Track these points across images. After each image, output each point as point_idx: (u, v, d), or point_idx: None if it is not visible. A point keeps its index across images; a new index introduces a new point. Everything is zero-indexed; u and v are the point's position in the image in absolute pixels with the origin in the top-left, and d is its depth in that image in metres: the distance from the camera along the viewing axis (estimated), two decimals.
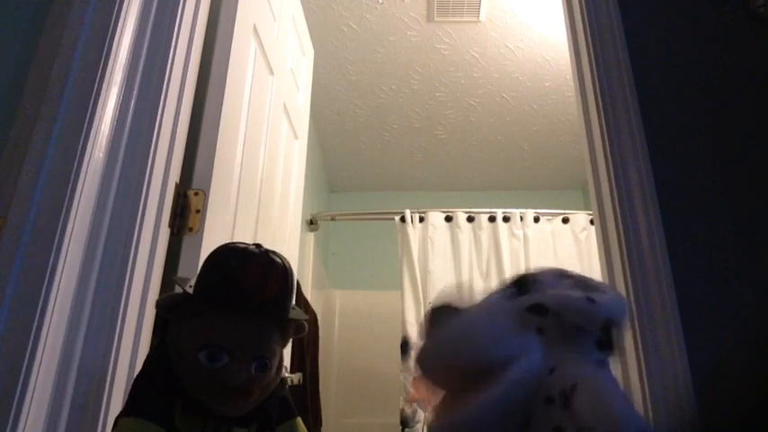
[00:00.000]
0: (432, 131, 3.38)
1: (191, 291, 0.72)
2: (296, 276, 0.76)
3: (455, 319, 0.63)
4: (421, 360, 0.63)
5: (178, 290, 0.75)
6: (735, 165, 1.13)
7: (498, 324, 0.61)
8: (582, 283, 0.66)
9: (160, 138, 1.11)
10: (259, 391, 0.70)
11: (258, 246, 0.74)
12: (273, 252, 0.74)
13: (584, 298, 0.61)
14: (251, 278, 0.69)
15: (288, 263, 0.75)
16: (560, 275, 0.68)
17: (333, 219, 3.35)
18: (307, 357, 2.44)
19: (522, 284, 0.65)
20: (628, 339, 1.01)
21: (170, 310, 0.73)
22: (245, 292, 0.68)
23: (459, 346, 0.60)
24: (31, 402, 0.83)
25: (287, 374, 1.70)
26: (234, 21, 1.38)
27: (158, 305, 0.74)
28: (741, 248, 1.06)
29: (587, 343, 0.61)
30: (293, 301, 0.75)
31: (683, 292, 1.01)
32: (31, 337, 0.86)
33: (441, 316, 0.65)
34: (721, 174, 1.12)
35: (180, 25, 1.20)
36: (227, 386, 0.67)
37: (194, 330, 0.69)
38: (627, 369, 1.01)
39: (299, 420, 0.81)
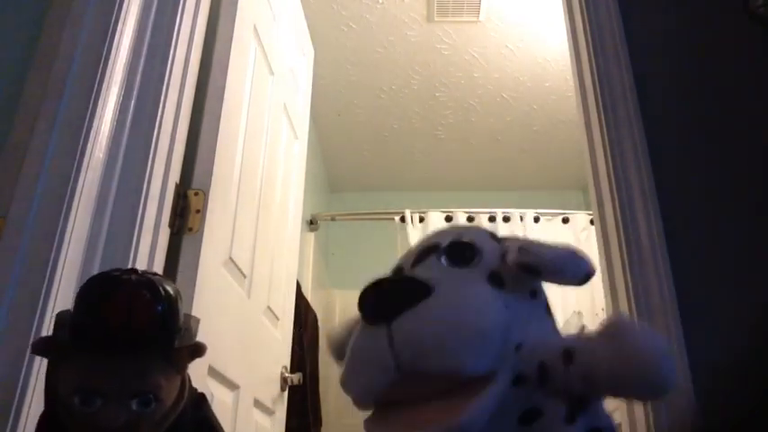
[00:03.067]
0: (432, 131, 3.38)
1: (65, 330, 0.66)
2: (179, 301, 0.68)
3: (430, 312, 0.50)
4: (393, 365, 0.50)
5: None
6: (734, 164, 1.13)
7: (490, 310, 0.51)
8: (526, 244, 0.57)
9: (160, 138, 1.11)
10: (148, 426, 0.65)
11: (132, 271, 0.68)
12: (145, 276, 0.68)
13: (573, 253, 0.54)
14: (114, 312, 0.63)
15: (164, 286, 0.68)
16: (491, 236, 0.61)
17: (333, 219, 3.35)
18: (307, 357, 2.44)
19: (464, 256, 0.57)
20: None
21: (45, 353, 0.68)
22: (110, 328, 0.63)
23: (459, 349, 0.48)
24: (31, 403, 0.83)
25: (287, 374, 1.70)
26: (234, 21, 1.38)
27: (32, 349, 0.69)
28: (741, 248, 1.06)
29: (537, 303, 0.57)
30: (176, 325, 0.68)
31: (683, 292, 1.01)
32: (31, 338, 0.86)
33: (400, 302, 0.51)
34: (721, 173, 1.12)
35: (180, 25, 1.20)
36: (105, 430, 0.62)
37: (67, 374, 0.64)
38: None
39: None
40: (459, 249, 0.57)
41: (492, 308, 0.51)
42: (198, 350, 0.71)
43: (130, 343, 0.64)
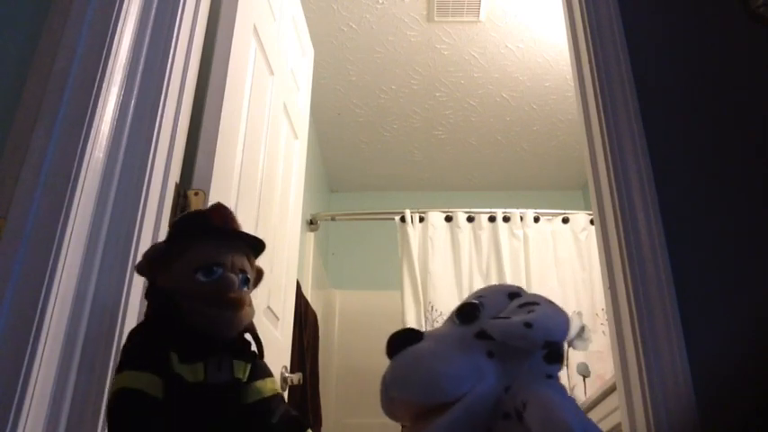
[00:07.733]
0: (432, 131, 3.38)
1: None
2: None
3: (409, 354, 0.69)
4: (384, 390, 0.69)
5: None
6: (734, 164, 1.13)
7: (450, 361, 0.67)
8: (527, 303, 0.71)
9: (160, 138, 1.11)
10: (245, 304, 0.82)
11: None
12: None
13: (521, 324, 0.66)
14: (216, 215, 0.85)
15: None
16: (508, 294, 0.74)
17: (333, 219, 3.35)
18: (307, 357, 2.44)
19: (467, 314, 0.72)
20: (628, 339, 1.01)
21: (153, 262, 0.83)
22: (215, 223, 0.84)
23: (413, 385, 0.66)
24: (31, 403, 0.83)
25: (287, 374, 1.70)
26: (234, 21, 1.38)
27: (144, 258, 0.84)
28: (741, 248, 1.06)
29: (536, 359, 0.68)
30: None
31: (683, 292, 1.01)
32: (31, 337, 0.85)
33: (400, 343, 0.71)
34: (721, 173, 1.12)
35: (180, 25, 1.20)
36: (225, 296, 0.79)
37: (186, 261, 0.80)
38: (627, 369, 1.01)
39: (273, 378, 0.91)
40: (465, 310, 0.73)
41: (446, 360, 0.67)
42: (259, 273, 0.90)
43: (231, 234, 0.85)
